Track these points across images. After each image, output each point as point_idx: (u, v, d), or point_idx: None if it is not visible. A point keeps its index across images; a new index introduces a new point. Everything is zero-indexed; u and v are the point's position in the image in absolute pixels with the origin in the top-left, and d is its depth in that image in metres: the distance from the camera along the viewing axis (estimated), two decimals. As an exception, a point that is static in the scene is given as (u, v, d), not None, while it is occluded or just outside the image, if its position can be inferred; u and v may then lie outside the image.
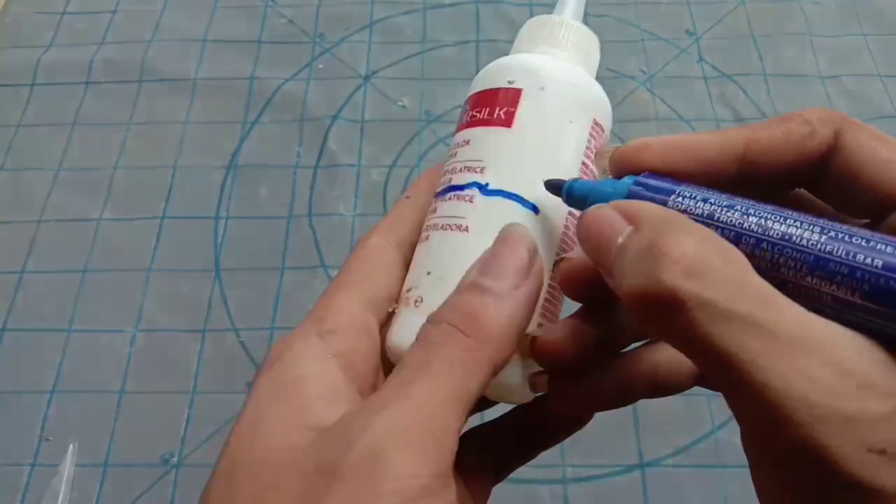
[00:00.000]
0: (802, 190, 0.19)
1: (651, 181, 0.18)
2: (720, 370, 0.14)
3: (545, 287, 0.21)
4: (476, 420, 0.25)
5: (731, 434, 0.40)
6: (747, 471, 0.16)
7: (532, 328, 0.20)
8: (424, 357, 0.18)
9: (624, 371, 0.20)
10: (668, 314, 0.15)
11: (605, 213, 0.17)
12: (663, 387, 0.21)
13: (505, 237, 0.20)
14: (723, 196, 0.17)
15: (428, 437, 0.17)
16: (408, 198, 0.24)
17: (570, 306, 0.21)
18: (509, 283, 0.19)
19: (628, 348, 0.21)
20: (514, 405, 0.24)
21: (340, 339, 0.20)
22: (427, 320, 0.19)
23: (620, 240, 0.16)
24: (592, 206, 0.18)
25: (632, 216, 0.16)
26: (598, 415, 0.23)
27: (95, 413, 0.42)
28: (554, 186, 0.20)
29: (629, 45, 0.57)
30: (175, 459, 0.41)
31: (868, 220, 0.18)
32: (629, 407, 0.22)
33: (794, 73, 0.55)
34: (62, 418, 0.42)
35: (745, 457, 0.16)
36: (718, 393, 0.22)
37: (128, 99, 0.55)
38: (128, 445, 0.41)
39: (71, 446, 0.41)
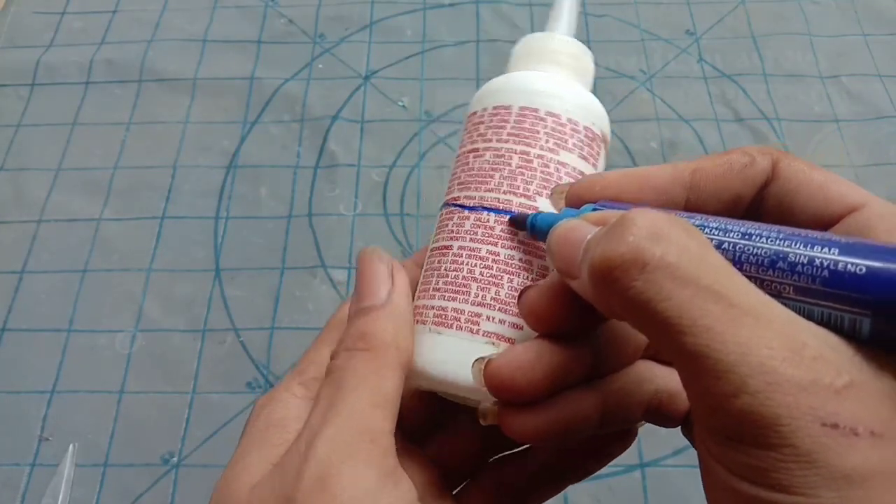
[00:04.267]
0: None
1: (609, 206, 0.19)
2: (677, 337, 0.14)
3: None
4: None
5: (731, 434, 0.41)
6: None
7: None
8: (336, 383, 0.19)
9: (576, 403, 0.20)
10: (630, 277, 0.15)
11: (573, 223, 0.18)
12: (613, 419, 0.21)
13: (359, 262, 0.22)
14: (680, 212, 0.18)
15: (364, 446, 0.18)
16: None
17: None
18: (380, 294, 0.21)
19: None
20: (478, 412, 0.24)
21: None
22: (331, 358, 0.20)
23: (589, 237, 0.17)
24: (561, 221, 0.18)
25: (601, 219, 0.17)
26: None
27: (95, 413, 0.42)
28: (517, 221, 0.21)
29: (629, 45, 0.57)
30: (175, 459, 0.41)
31: None
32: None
33: (794, 73, 0.55)
34: (62, 418, 0.42)
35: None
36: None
37: (128, 99, 0.55)
38: (128, 445, 0.41)
39: (71, 446, 0.41)
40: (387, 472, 0.18)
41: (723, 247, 0.16)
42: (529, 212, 0.21)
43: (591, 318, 0.19)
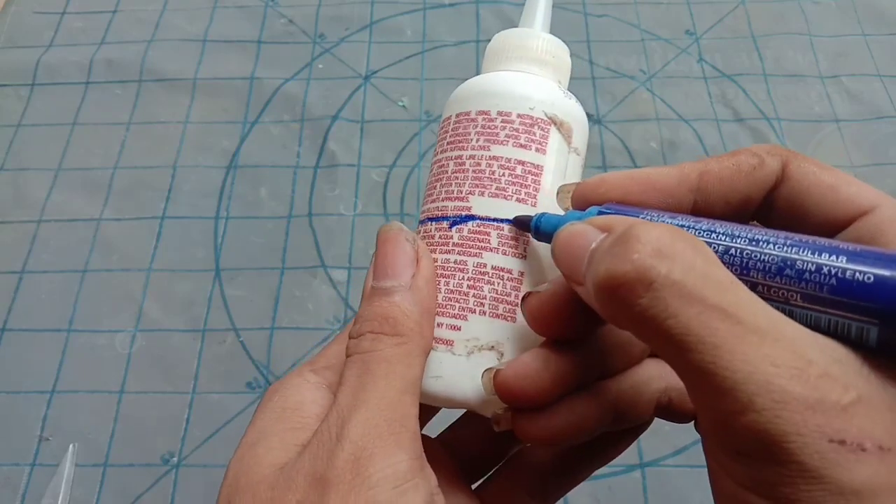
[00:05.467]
0: (754, 223, 0.20)
1: (615, 208, 0.19)
2: (683, 355, 0.14)
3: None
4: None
5: (731, 434, 0.41)
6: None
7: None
8: (364, 366, 0.19)
9: (587, 404, 0.20)
10: (636, 295, 0.15)
11: (578, 228, 0.17)
12: (624, 418, 0.21)
13: (383, 237, 0.21)
14: (687, 216, 0.18)
15: (396, 428, 0.18)
16: None
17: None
18: (405, 276, 0.20)
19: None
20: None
21: (334, 374, 0.21)
22: (349, 336, 0.20)
23: (594, 245, 0.17)
24: (566, 224, 0.18)
25: (605, 225, 0.17)
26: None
27: (95, 413, 0.42)
28: (521, 223, 0.21)
29: (629, 45, 0.57)
30: (175, 459, 0.41)
31: None
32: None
33: (794, 73, 0.55)
34: (62, 418, 0.42)
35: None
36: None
37: (128, 99, 0.55)
38: (128, 445, 0.41)
39: (71, 446, 0.41)
40: (415, 455, 0.18)
41: (730, 252, 0.16)
42: (532, 214, 0.21)
43: (596, 320, 0.19)
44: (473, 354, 0.21)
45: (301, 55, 0.57)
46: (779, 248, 0.16)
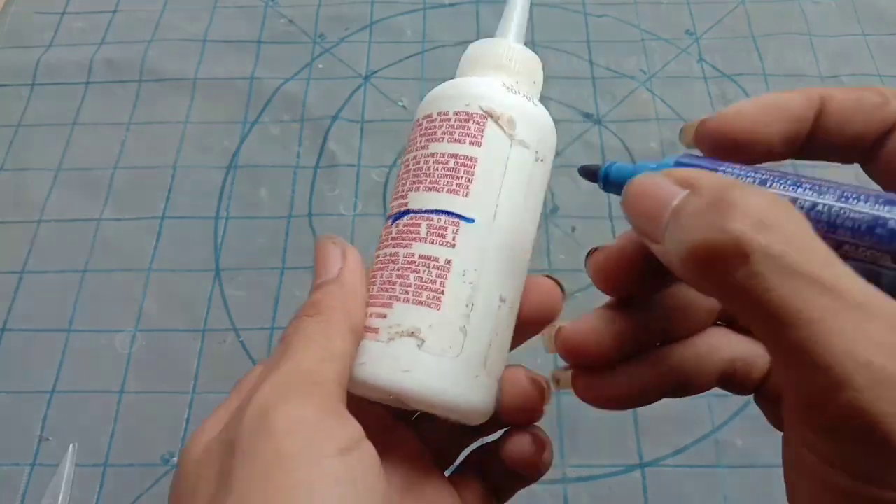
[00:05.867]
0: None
1: (693, 160, 0.18)
2: (779, 329, 0.14)
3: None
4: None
5: (731, 434, 0.40)
6: (747, 471, 0.16)
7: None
8: (285, 345, 0.20)
9: (648, 369, 0.20)
10: (730, 267, 0.14)
11: (655, 180, 0.16)
12: (686, 386, 0.21)
13: (315, 245, 0.23)
14: (772, 170, 0.17)
15: (306, 387, 0.18)
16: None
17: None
18: (332, 271, 0.22)
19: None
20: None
21: None
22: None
23: (675, 202, 0.16)
24: (640, 174, 0.17)
25: (688, 181, 0.16)
26: (598, 415, 0.23)
27: (95, 413, 0.42)
28: (589, 171, 0.20)
29: (629, 45, 0.57)
30: (175, 459, 0.41)
31: None
32: (629, 407, 0.22)
33: (794, 73, 0.55)
34: (62, 418, 0.42)
35: (744, 457, 0.16)
36: (723, 394, 0.22)
37: (128, 99, 0.55)
38: (128, 445, 0.41)
39: (71, 446, 0.41)
40: (326, 410, 0.18)
41: (817, 209, 0.15)
42: (600, 164, 0.20)
43: (662, 280, 0.18)
44: (394, 340, 0.21)
45: (301, 55, 0.57)
46: (870, 205, 0.15)
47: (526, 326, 0.23)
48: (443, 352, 0.20)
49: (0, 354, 0.44)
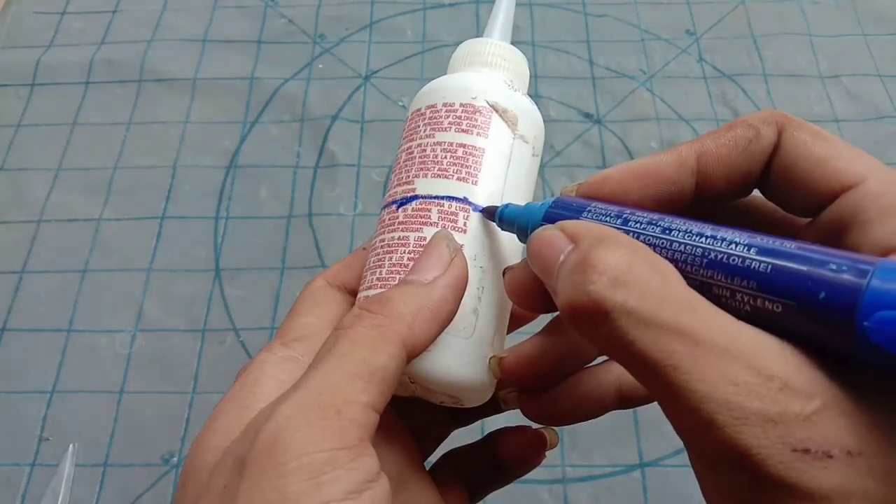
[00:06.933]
0: (757, 193, 0.19)
1: (565, 200, 0.19)
2: (648, 377, 0.15)
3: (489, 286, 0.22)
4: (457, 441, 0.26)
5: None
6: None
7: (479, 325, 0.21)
8: (331, 342, 0.19)
9: (590, 384, 0.21)
10: (596, 324, 0.15)
11: (549, 234, 0.17)
12: (628, 398, 0.22)
13: (430, 239, 0.21)
14: (644, 211, 0.18)
15: (327, 413, 0.17)
16: (364, 248, 0.25)
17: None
18: (428, 274, 0.20)
19: (596, 362, 0.22)
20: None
21: (303, 345, 0.22)
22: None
23: (562, 257, 0.17)
24: (540, 228, 0.18)
25: (572, 235, 0.17)
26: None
27: (95, 413, 0.42)
28: (488, 212, 0.22)
29: (629, 45, 0.57)
30: (175, 459, 0.41)
31: (810, 219, 0.18)
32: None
33: (794, 73, 0.55)
34: (62, 418, 0.42)
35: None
36: None
37: (128, 99, 0.55)
38: (128, 445, 0.41)
39: (71, 446, 0.41)
40: (345, 444, 0.17)
41: (683, 249, 0.16)
42: (498, 205, 0.22)
43: None
44: None
45: (301, 55, 0.57)
46: (734, 245, 0.15)
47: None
48: (457, 332, 0.21)
49: (0, 354, 0.44)
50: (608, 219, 0.18)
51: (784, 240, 0.15)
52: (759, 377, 0.14)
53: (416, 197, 0.22)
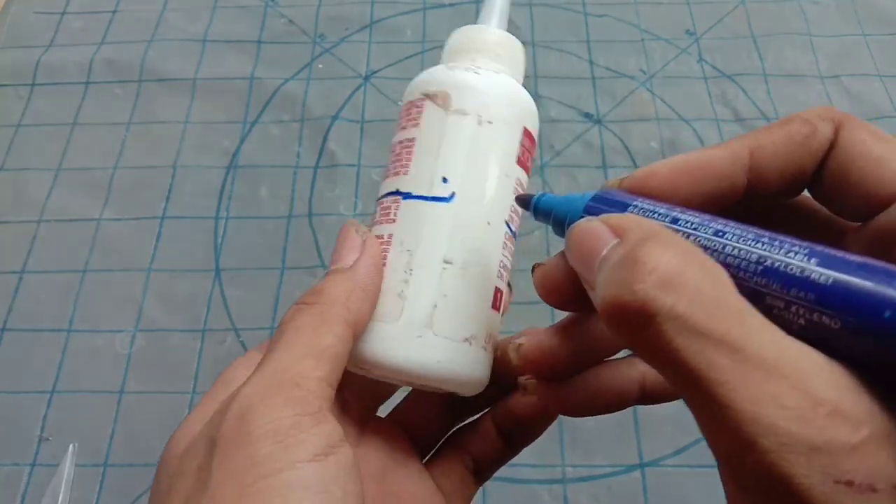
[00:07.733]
0: (806, 195, 0.19)
1: (608, 194, 0.19)
2: (689, 389, 0.14)
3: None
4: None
5: (731, 434, 0.41)
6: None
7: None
8: (280, 333, 0.20)
9: (613, 378, 0.21)
10: (638, 325, 0.14)
11: (592, 226, 0.17)
12: (651, 395, 0.21)
13: (340, 230, 0.22)
14: (695, 212, 0.17)
15: (287, 387, 0.18)
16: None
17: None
18: (348, 259, 0.21)
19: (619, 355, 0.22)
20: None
21: None
22: None
23: (605, 251, 0.16)
24: (581, 220, 0.17)
25: (617, 228, 0.16)
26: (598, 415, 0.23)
27: (95, 413, 0.42)
28: (522, 201, 0.22)
29: (629, 45, 0.57)
30: (175, 459, 0.41)
31: (859, 224, 0.17)
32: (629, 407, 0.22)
33: (794, 73, 0.55)
34: (62, 418, 0.42)
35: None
36: None
37: (128, 99, 0.55)
38: (128, 445, 0.41)
39: (71, 446, 0.41)
40: (307, 411, 0.18)
41: (738, 255, 0.15)
42: (533, 193, 0.21)
43: None
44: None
45: (301, 55, 0.57)
46: (792, 255, 0.14)
47: None
48: (383, 317, 0.22)
49: (0, 354, 0.44)
50: (656, 216, 0.17)
51: (847, 252, 0.14)
52: (807, 400, 0.13)
53: (378, 202, 0.24)
